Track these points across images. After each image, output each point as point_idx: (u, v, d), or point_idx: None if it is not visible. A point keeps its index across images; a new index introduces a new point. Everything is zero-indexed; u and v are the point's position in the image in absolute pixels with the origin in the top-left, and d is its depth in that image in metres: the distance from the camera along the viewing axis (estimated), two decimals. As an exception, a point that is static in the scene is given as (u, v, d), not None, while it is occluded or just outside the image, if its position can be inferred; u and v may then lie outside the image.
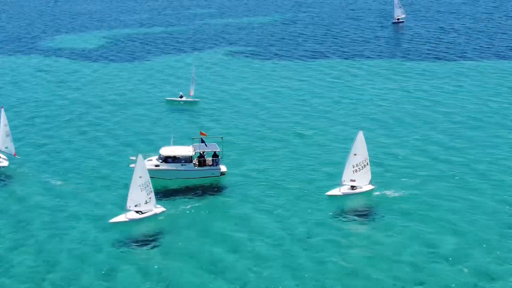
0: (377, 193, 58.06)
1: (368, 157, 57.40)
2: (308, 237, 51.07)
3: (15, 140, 72.84)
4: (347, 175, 56.93)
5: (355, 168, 56.91)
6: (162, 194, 59.42)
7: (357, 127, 75.51)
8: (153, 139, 73.84)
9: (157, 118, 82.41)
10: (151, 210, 54.79)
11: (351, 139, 71.53)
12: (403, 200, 56.92)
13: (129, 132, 77.06)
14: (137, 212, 54.28)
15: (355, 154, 56.77)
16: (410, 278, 45.52)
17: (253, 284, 45.29)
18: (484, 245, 49.37)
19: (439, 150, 69.27)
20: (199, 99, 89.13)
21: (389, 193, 58.01)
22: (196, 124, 79.22)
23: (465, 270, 46.25)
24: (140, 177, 53.43)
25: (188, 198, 58.50)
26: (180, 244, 50.52)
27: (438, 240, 50.31)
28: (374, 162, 64.97)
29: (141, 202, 53.92)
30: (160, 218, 54.55)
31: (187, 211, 55.84)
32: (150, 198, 54.46)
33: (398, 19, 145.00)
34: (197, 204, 57.16)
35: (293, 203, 57.26)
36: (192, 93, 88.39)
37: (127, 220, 53.93)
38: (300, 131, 76.27)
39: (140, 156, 53.67)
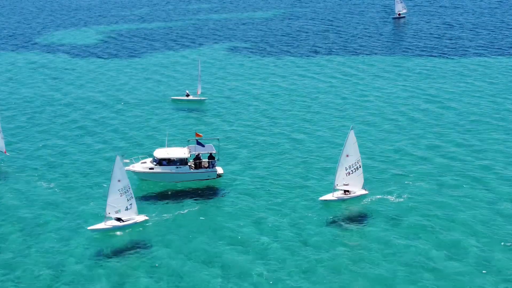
0: (378, 196, 57.12)
1: (360, 158, 55.93)
2: (306, 243, 50.55)
3: (11, 138, 72.43)
4: (340, 178, 55.29)
5: (348, 171, 55.23)
6: (157, 198, 58.77)
7: (360, 127, 74.84)
8: (158, 138, 72.67)
9: (162, 118, 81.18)
10: (132, 219, 52.75)
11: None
12: (404, 204, 56.12)
13: (131, 132, 76.00)
14: (117, 220, 52.32)
15: (347, 155, 54.95)
16: (425, 283, 45.15)
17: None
18: (496, 249, 48.91)
19: (444, 151, 68.43)
20: (206, 98, 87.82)
21: (391, 197, 57.09)
22: (204, 124, 78.28)
23: (480, 275, 45.73)
24: (119, 181, 51.18)
25: (184, 202, 57.81)
26: (178, 250, 49.83)
27: (445, 246, 49.68)
28: (374, 163, 64.34)
29: (121, 208, 51.71)
30: (147, 224, 53.16)
31: (184, 216, 55.12)
32: (131, 204, 52.26)
33: (399, 14, 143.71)
34: (193, 209, 56.43)
35: (291, 207, 56.47)
36: (199, 92, 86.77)
37: (108, 227, 51.85)
38: (303, 131, 75.42)
39: (118, 158, 51.23)
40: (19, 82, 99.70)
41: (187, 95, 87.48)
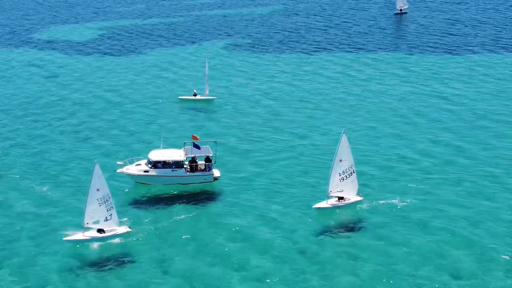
0: (382, 201, 55.53)
1: (353, 163, 54.05)
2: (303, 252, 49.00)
3: (4, 139, 71.49)
4: (334, 184, 53.45)
5: (341, 176, 53.42)
6: (152, 202, 57.61)
7: (361, 128, 73.17)
8: (165, 139, 70.69)
9: (169, 118, 79.22)
10: (114, 230, 50.44)
11: (354, 141, 69.05)
12: (405, 209, 54.56)
13: (137, 133, 74.36)
14: (99, 231, 50.06)
15: (340, 160, 53.11)
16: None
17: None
18: (497, 260, 47.30)
19: (449, 153, 66.75)
20: (215, 97, 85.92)
21: (386, 203, 55.52)
22: (211, 124, 76.83)
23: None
24: (97, 190, 48.72)
25: (181, 206, 56.47)
26: (173, 259, 48.39)
27: (447, 253, 48.21)
28: (374, 166, 62.80)
29: (100, 219, 49.33)
30: (145, 231, 51.65)
31: (181, 221, 53.64)
32: (111, 215, 49.81)
33: (400, 10, 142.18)
34: (190, 214, 54.94)
35: (288, 213, 54.83)
36: (207, 92, 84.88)
37: (86, 238, 49.64)
38: (306, 132, 73.89)
39: (97, 166, 48.81)
40: (11, 80, 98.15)
41: (195, 95, 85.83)
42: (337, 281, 45.23)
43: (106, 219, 49.75)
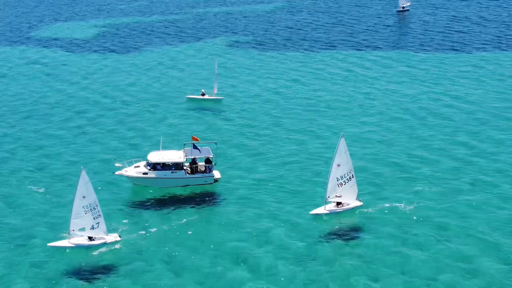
0: (375, 207, 54.91)
1: (352, 167, 53.36)
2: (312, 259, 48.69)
3: (9, 139, 71.89)
4: (332, 190, 52.90)
5: (339, 181, 52.75)
6: (151, 205, 57.43)
7: (363, 129, 72.77)
8: (171, 139, 70.58)
9: (176, 118, 78.91)
10: (102, 238, 49.74)
11: (362, 140, 68.70)
12: (417, 212, 54.06)
13: (144, 133, 74.15)
14: (90, 238, 49.36)
15: (338, 165, 52.44)
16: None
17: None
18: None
19: (462, 153, 66.23)
20: (223, 97, 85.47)
21: (387, 207, 55.04)
22: (216, 124, 76.65)
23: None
24: (83, 197, 47.76)
25: (180, 209, 56.21)
26: (181, 262, 48.32)
27: (463, 258, 47.91)
28: (374, 169, 62.38)
29: (86, 227, 48.41)
30: (146, 236, 51.48)
31: (181, 224, 53.47)
32: (98, 223, 48.84)
33: (403, 8, 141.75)
34: (193, 217, 54.72)
35: (299, 214, 54.50)
36: (215, 91, 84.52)
37: (72, 245, 49.05)
38: (317, 131, 73.46)
39: (83, 172, 47.90)
40: (14, 78, 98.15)
41: (203, 94, 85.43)
42: (352, 285, 45.06)
43: (93, 227, 48.85)
